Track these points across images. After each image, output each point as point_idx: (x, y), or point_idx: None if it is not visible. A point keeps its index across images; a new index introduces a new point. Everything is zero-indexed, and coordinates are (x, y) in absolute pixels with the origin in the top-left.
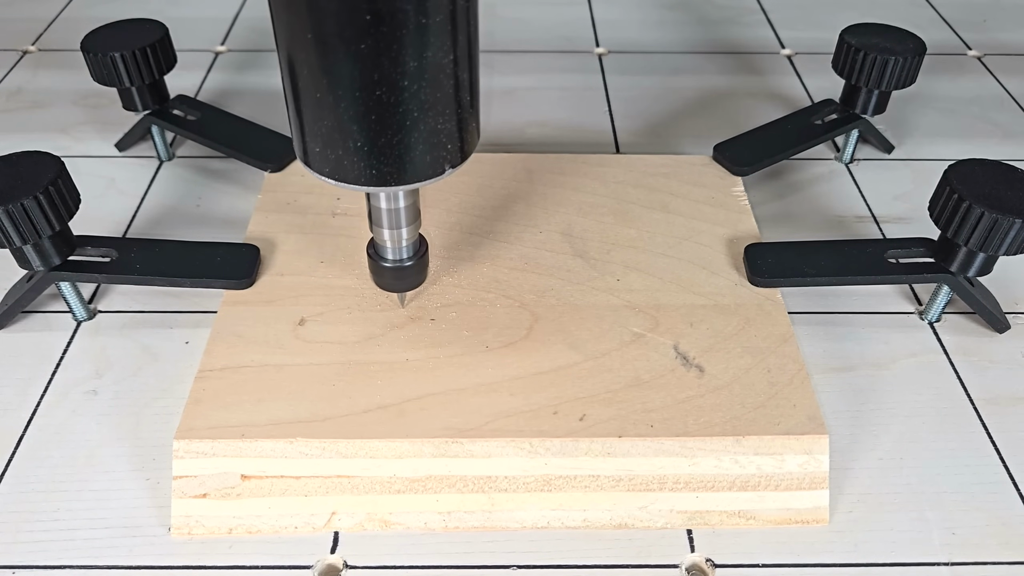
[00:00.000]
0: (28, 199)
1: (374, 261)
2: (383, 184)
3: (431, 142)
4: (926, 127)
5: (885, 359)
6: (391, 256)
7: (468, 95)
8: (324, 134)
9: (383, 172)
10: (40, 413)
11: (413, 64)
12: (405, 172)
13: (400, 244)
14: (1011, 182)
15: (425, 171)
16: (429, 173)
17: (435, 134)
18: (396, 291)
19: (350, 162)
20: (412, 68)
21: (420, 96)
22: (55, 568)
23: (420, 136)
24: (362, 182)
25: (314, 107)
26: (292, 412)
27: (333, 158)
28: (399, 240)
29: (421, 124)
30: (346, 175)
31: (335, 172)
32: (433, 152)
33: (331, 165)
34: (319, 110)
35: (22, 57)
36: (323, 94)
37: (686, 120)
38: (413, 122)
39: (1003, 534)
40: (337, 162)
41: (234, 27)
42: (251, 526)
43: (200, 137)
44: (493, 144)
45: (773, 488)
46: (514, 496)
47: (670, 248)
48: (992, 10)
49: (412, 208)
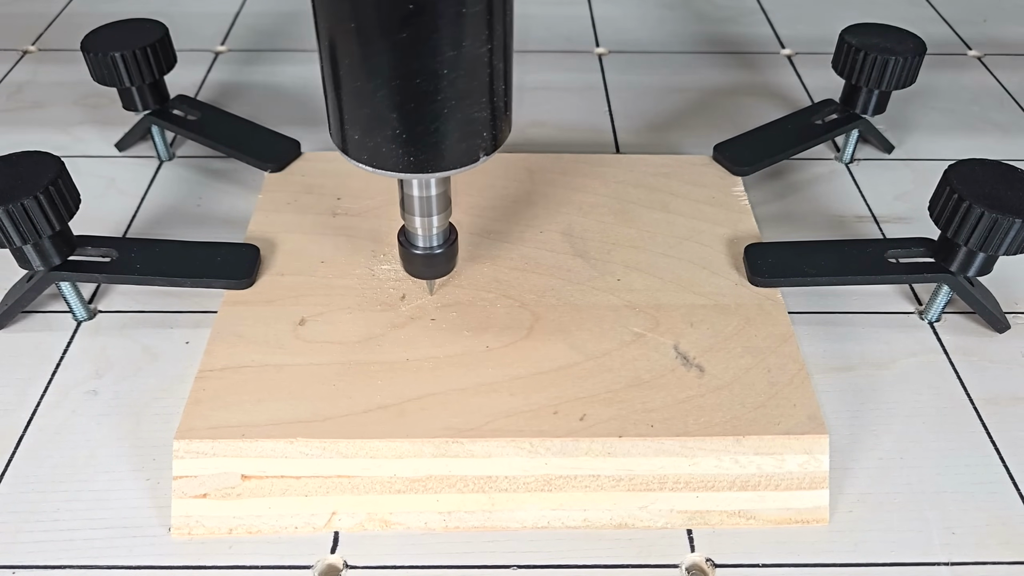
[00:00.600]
0: (28, 199)
1: (405, 248)
2: (419, 171)
3: (467, 130)
4: (926, 127)
5: (885, 359)
6: (422, 244)
7: (503, 84)
8: (363, 122)
9: (420, 159)
10: (40, 413)
11: (451, 53)
12: (442, 159)
13: (431, 232)
14: (1011, 182)
15: (460, 159)
16: (464, 161)
17: (471, 122)
18: (426, 278)
19: (388, 149)
20: (450, 57)
21: (457, 85)
22: (55, 568)
23: (456, 124)
24: (399, 169)
25: (354, 96)
26: (292, 412)
27: (371, 146)
28: (430, 228)
29: (458, 112)
30: (384, 162)
31: (373, 159)
32: (468, 140)
33: (369, 153)
34: (359, 99)
35: (22, 57)
36: (363, 83)
37: (686, 120)
38: (450, 110)
39: (1003, 534)
40: (375, 150)
41: (234, 27)
42: (251, 526)
43: (200, 137)
44: None
45: (773, 488)
46: (514, 496)
47: (670, 248)
48: (992, 10)
49: (443, 196)
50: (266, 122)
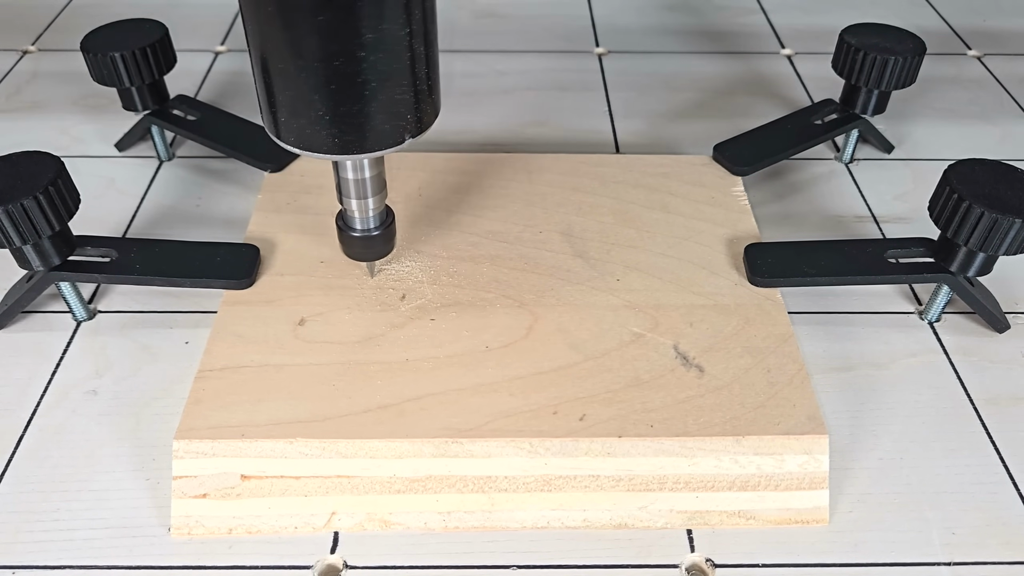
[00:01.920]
0: (28, 199)
1: (343, 232)
2: (346, 152)
3: (390, 111)
4: (926, 127)
5: (885, 359)
6: (359, 226)
7: (425, 67)
8: (288, 104)
9: (345, 140)
10: (40, 413)
11: (370, 36)
12: (366, 140)
13: (367, 214)
14: (1011, 182)
15: (386, 140)
16: (390, 142)
17: (394, 104)
18: (364, 260)
19: (313, 131)
20: (369, 40)
21: (378, 67)
22: (55, 568)
23: (379, 106)
24: (325, 150)
25: (278, 78)
26: (292, 412)
27: (297, 127)
28: (366, 210)
29: (380, 94)
30: (311, 144)
31: (300, 141)
32: (392, 121)
33: (296, 134)
34: (283, 80)
35: (22, 57)
36: (286, 64)
37: (686, 120)
38: (372, 92)
39: (1003, 534)
40: (301, 131)
41: (234, 27)
42: (251, 526)
43: (200, 137)
44: (493, 144)
45: (773, 488)
46: (514, 496)
47: (670, 248)
48: (992, 10)
49: (378, 179)
50: None
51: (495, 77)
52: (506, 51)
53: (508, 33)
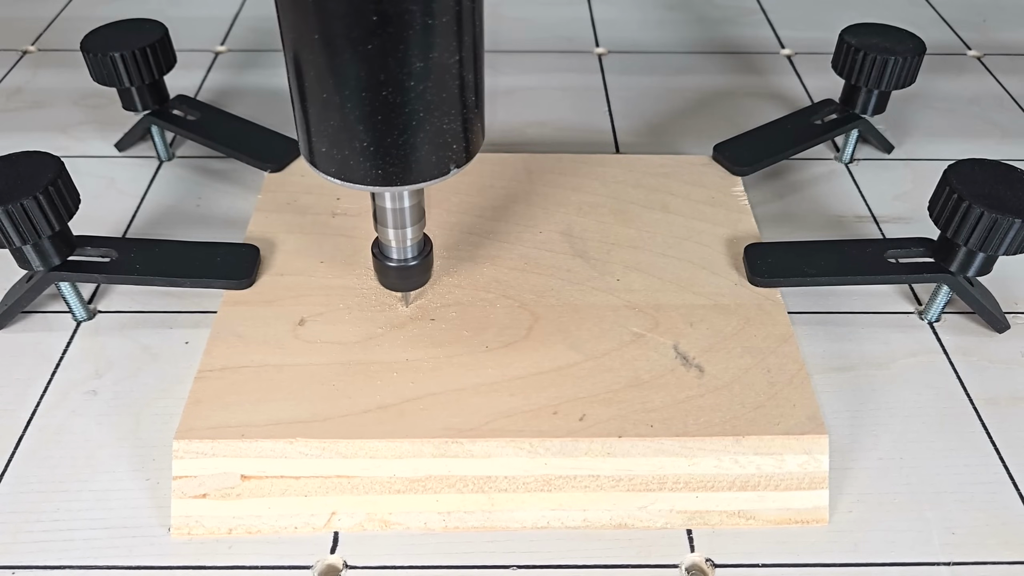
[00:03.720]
0: (28, 199)
1: (379, 261)
2: (388, 184)
3: (436, 142)
4: (926, 127)
5: (885, 359)
6: (396, 256)
7: (473, 96)
8: (330, 134)
9: (388, 172)
10: (40, 413)
11: (419, 65)
12: (411, 172)
13: (405, 244)
14: (1011, 182)
15: (430, 171)
16: (435, 173)
17: (441, 134)
18: (400, 291)
19: (356, 162)
20: (418, 69)
21: (426, 96)
22: (55, 568)
23: (426, 136)
24: (367, 182)
25: (320, 107)
26: (292, 412)
27: (339, 158)
28: (404, 240)
29: (427, 124)
30: (352, 175)
31: (341, 172)
32: (439, 152)
33: (337, 165)
34: (325, 110)
35: (22, 57)
36: (329, 94)
37: (686, 120)
38: (419, 122)
39: (1003, 534)
40: (343, 162)
41: (234, 27)
42: (251, 526)
43: (200, 137)
44: (493, 144)
45: (773, 488)
46: (514, 496)
47: (670, 248)
48: (992, 10)
49: (417, 208)
50: (266, 122)
51: (495, 77)
52: (506, 51)
53: (508, 33)
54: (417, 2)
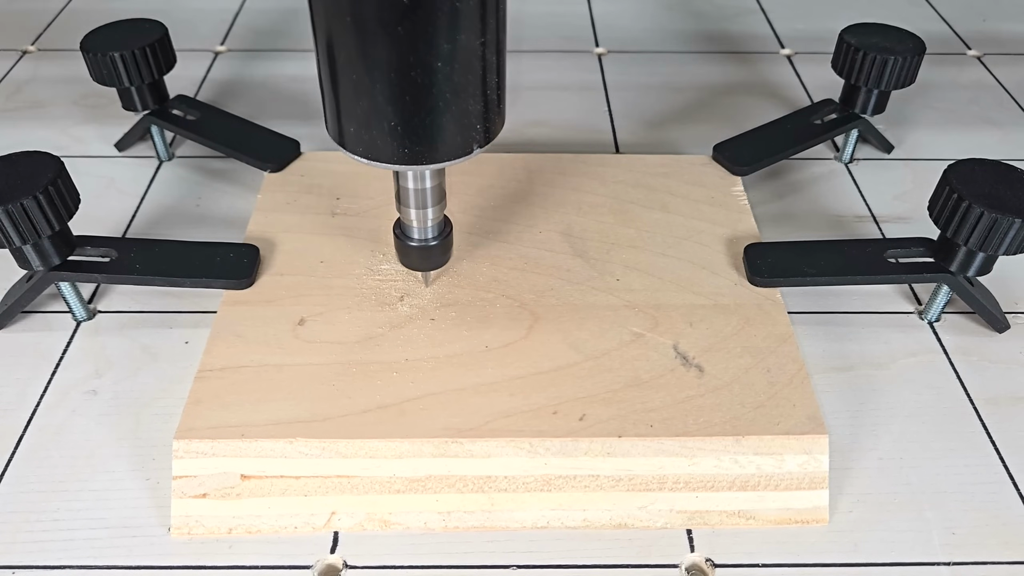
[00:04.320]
0: (28, 199)
1: (400, 241)
2: (414, 163)
3: (461, 122)
4: (926, 127)
5: (885, 359)
6: (417, 236)
7: (496, 77)
8: (359, 115)
9: (415, 151)
10: (40, 413)
11: (447, 47)
12: (436, 151)
13: (426, 224)
14: (1011, 182)
15: (454, 151)
16: (458, 152)
17: (465, 115)
18: (421, 270)
19: (384, 142)
20: (445, 50)
21: (452, 78)
22: (55, 568)
23: (451, 117)
24: (394, 161)
25: (351, 89)
26: (292, 412)
27: (367, 138)
28: (425, 220)
29: (453, 105)
30: (379, 155)
31: (368, 152)
32: (463, 132)
33: (365, 145)
34: (355, 92)
35: (22, 57)
36: (360, 76)
37: (686, 120)
38: (445, 103)
39: (1003, 534)
40: (371, 142)
41: (234, 27)
42: (251, 526)
43: (200, 137)
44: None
45: (773, 488)
46: (514, 496)
47: (670, 248)
48: (992, 10)
49: (438, 188)
50: (265, 122)
51: None
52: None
53: (509, 33)
54: None
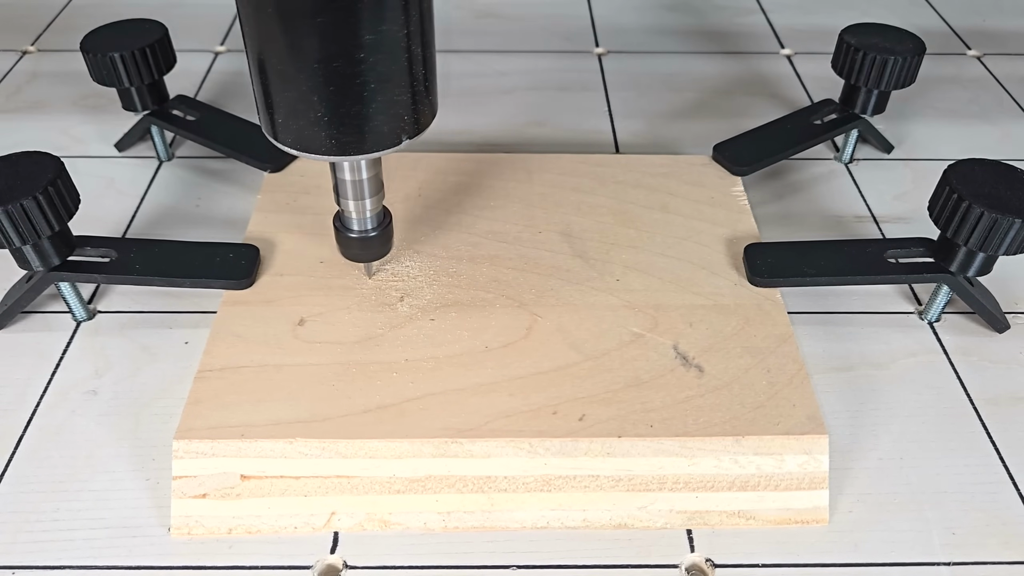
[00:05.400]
0: (27, 199)
1: (340, 233)
2: (344, 153)
3: (389, 113)
4: (926, 127)
5: (885, 359)
6: (356, 227)
7: (423, 68)
8: (287, 105)
9: (343, 142)
10: (40, 413)
11: (369, 37)
12: (364, 142)
13: (365, 215)
14: (1011, 182)
15: (384, 141)
16: (387, 143)
17: (392, 105)
18: (362, 260)
19: (312, 132)
20: (368, 41)
21: (377, 68)
22: (55, 568)
23: (378, 107)
24: (323, 152)
25: (277, 79)
26: (292, 412)
27: (295, 129)
28: (363, 211)
29: (379, 96)
30: (309, 145)
31: (298, 143)
32: (391, 123)
33: (294, 136)
34: (281, 82)
35: (22, 57)
36: (284, 66)
37: (686, 120)
38: (371, 93)
39: (1003, 534)
40: (299, 132)
41: (234, 27)
42: (251, 526)
43: (199, 137)
44: (493, 144)
45: (773, 488)
46: (514, 496)
47: (670, 248)
48: (992, 10)
49: (375, 180)
50: None
51: (495, 77)
52: (506, 51)
53: (508, 33)
54: None
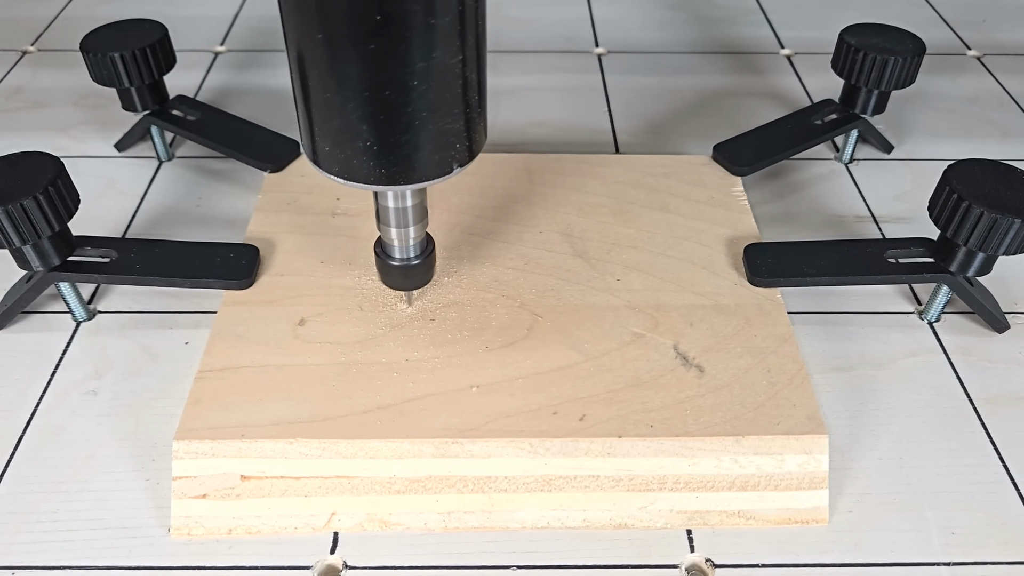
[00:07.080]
0: (28, 199)
1: (381, 260)
2: (392, 183)
3: (439, 142)
4: (926, 127)
5: (885, 359)
6: (398, 255)
7: (476, 95)
8: (333, 134)
9: (392, 172)
10: (40, 413)
11: (421, 64)
12: (414, 171)
13: (407, 243)
14: (1011, 182)
15: (433, 170)
16: (437, 172)
17: (443, 134)
18: (403, 289)
19: (359, 161)
20: (420, 68)
21: (428, 96)
22: (55, 568)
23: (428, 136)
24: (371, 181)
25: (323, 107)
26: (292, 412)
27: (342, 158)
28: (406, 239)
29: (430, 124)
30: (355, 174)
31: (344, 171)
32: (441, 152)
33: (340, 164)
34: (328, 110)
35: (22, 57)
36: (332, 94)
37: (686, 120)
38: (422, 122)
39: (1003, 534)
40: (346, 161)
41: (234, 27)
42: (251, 527)
43: (199, 137)
44: (493, 144)
45: (773, 488)
46: (514, 496)
47: (670, 248)
48: (992, 10)
49: (419, 207)
50: (265, 123)
51: (496, 77)
52: (506, 51)
53: (508, 33)
54: (419, 2)
